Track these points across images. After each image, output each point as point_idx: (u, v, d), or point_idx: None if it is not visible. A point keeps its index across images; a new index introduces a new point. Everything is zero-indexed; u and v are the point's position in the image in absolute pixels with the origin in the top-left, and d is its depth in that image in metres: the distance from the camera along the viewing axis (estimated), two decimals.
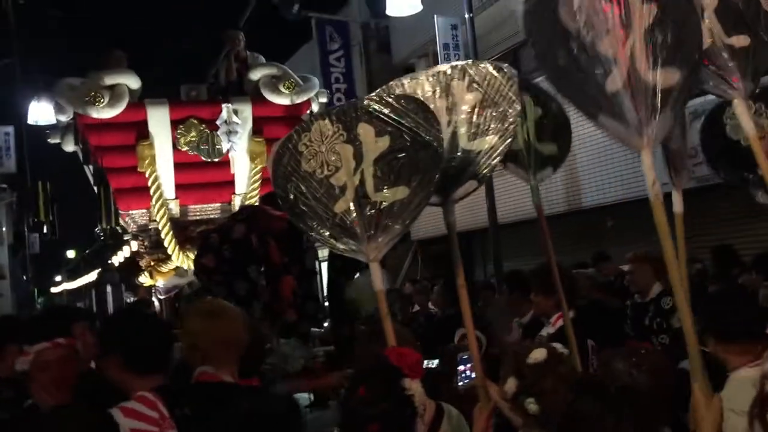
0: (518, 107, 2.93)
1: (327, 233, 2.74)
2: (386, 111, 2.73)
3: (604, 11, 2.39)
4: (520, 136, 3.29)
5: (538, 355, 2.38)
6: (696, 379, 2.09)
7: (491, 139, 2.91)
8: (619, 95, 2.37)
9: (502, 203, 9.98)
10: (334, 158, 2.70)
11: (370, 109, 2.72)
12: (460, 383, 2.89)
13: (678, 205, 3.06)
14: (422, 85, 2.99)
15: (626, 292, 6.31)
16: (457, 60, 10.64)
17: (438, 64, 11.28)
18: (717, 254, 6.12)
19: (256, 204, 5.62)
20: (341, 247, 2.76)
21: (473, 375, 2.83)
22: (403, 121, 2.72)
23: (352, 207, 2.68)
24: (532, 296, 4.20)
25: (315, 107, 7.90)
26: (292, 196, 2.73)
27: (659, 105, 2.41)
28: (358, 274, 5.18)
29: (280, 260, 5.12)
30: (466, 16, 9.29)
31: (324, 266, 6.17)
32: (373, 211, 2.69)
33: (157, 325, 2.63)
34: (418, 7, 9.47)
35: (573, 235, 10.20)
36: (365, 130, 2.71)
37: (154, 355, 2.41)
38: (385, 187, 2.69)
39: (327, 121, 2.73)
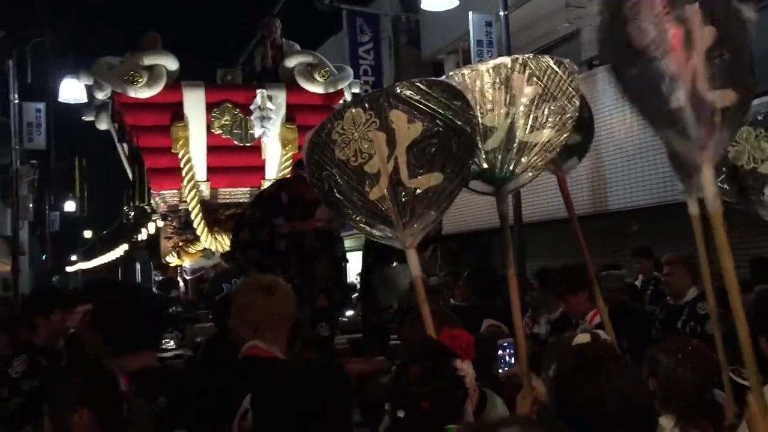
0: (577, 102, 2.95)
1: (362, 220, 2.76)
2: (418, 97, 2.74)
3: (668, 31, 2.43)
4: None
5: (583, 340, 2.41)
6: (753, 390, 2.10)
7: (548, 133, 2.93)
8: (682, 111, 2.41)
9: (526, 202, 9.97)
10: (367, 146, 2.72)
11: (402, 96, 2.73)
12: (500, 370, 2.92)
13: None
14: (482, 77, 3.01)
15: (656, 297, 6.32)
16: (490, 56, 10.65)
17: (469, 60, 11.36)
18: (755, 265, 6.06)
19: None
20: (377, 234, 2.79)
21: (513, 361, 2.86)
22: (435, 107, 2.73)
23: (386, 194, 2.70)
24: (561, 296, 4.21)
25: (348, 97, 7.93)
26: (326, 185, 2.75)
27: (718, 123, 2.46)
28: (395, 263, 5.21)
29: (314, 243, 5.18)
30: (501, 13, 9.27)
31: (353, 255, 6.21)
32: (407, 197, 2.70)
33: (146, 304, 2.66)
34: (454, 3, 9.48)
35: (597, 237, 10.17)
36: (397, 117, 2.72)
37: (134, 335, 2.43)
38: (419, 173, 2.71)
39: (359, 108, 2.75)
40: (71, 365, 2.95)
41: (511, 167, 2.89)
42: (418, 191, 2.69)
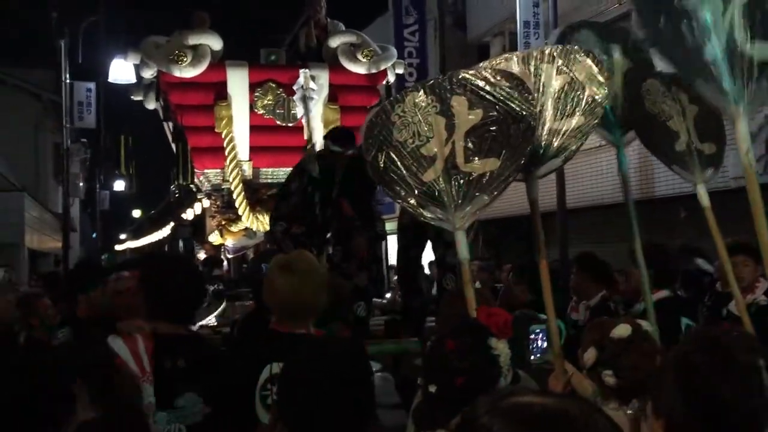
0: (605, 91, 2.98)
1: (414, 201, 2.83)
2: (481, 84, 2.79)
3: None
4: (683, 136, 3.24)
5: (623, 331, 2.38)
6: None
7: (578, 120, 2.97)
8: (716, 63, 2.37)
9: (570, 188, 9.83)
10: (426, 129, 2.78)
11: (466, 82, 2.78)
12: (532, 356, 2.89)
13: None
14: (512, 65, 3.05)
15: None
16: (536, 39, 10.47)
17: (515, 43, 11.24)
18: None
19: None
20: (428, 215, 2.86)
21: (545, 347, 2.84)
22: (497, 95, 2.77)
23: (441, 176, 2.76)
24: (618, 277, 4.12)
25: (391, 78, 7.88)
26: (382, 165, 2.83)
27: (755, 75, 2.41)
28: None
29: (352, 215, 5.17)
30: None
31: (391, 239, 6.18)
32: (462, 181, 2.76)
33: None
34: None
35: (643, 224, 9.96)
36: (459, 103, 2.78)
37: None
38: (476, 158, 2.77)
39: (421, 92, 2.81)
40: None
41: (540, 153, 2.92)
42: (473, 175, 2.75)
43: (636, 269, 3.74)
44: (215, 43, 7.37)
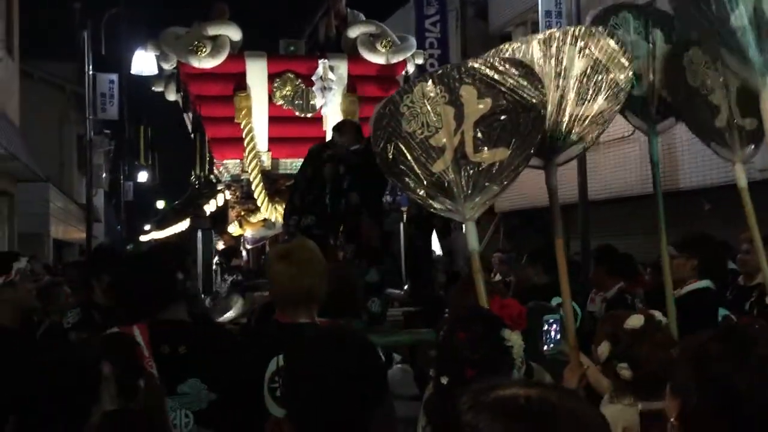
0: (630, 74, 2.90)
1: (423, 192, 2.79)
2: (490, 73, 2.75)
3: None
4: (724, 111, 3.14)
5: (636, 321, 2.34)
6: None
7: (600, 105, 2.90)
8: (743, 32, 2.30)
9: (592, 180, 9.71)
10: (435, 119, 2.74)
11: (475, 72, 2.74)
12: (545, 347, 2.85)
13: None
14: (533, 49, 2.99)
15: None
16: (559, 29, 10.32)
17: (537, 33, 11.04)
18: None
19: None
20: (437, 206, 2.83)
21: (558, 338, 2.80)
22: (506, 83, 2.73)
23: (450, 167, 2.73)
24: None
25: (410, 68, 7.82)
26: (391, 156, 2.80)
27: None
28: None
29: (360, 209, 5.17)
30: None
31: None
32: (471, 171, 2.72)
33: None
34: None
35: (667, 217, 9.82)
36: (468, 92, 2.74)
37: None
38: (485, 148, 2.73)
39: (429, 82, 2.77)
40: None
41: (561, 140, 2.86)
42: (483, 165, 2.71)
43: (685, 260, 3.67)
44: (234, 33, 7.37)
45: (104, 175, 21.31)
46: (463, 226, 2.86)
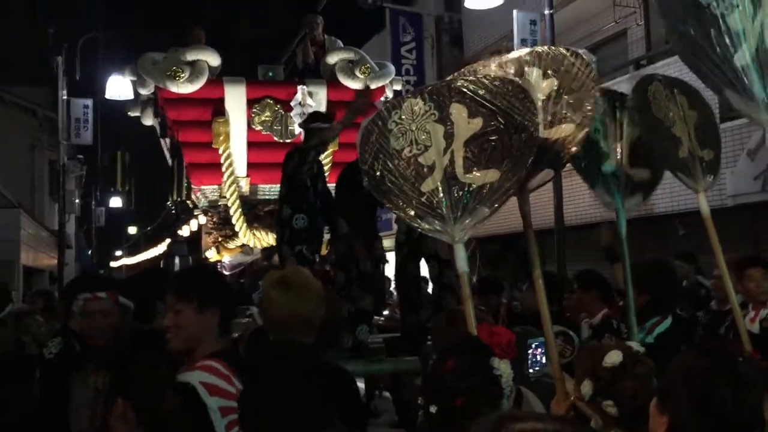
0: (597, 94, 2.87)
1: (412, 212, 2.70)
2: (481, 92, 2.67)
3: None
4: (685, 142, 3.17)
5: (615, 358, 2.30)
6: None
7: (568, 128, 2.85)
8: (747, 70, 2.29)
9: (567, 205, 9.79)
10: (423, 137, 2.67)
11: (465, 89, 2.67)
12: (530, 370, 2.83)
13: None
14: (495, 72, 2.94)
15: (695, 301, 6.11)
16: None
17: None
18: None
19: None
20: (426, 226, 2.72)
21: (543, 361, 2.77)
22: (498, 103, 2.66)
23: (439, 187, 2.65)
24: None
25: (389, 94, 7.86)
26: (378, 173, 2.71)
27: None
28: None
29: (347, 233, 5.16)
30: (546, 12, 9.13)
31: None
32: (461, 192, 2.64)
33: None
34: (498, 1, 9.35)
35: (642, 241, 9.93)
36: (458, 110, 2.66)
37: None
38: (475, 169, 2.65)
39: (419, 99, 2.69)
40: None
41: (530, 164, 2.82)
42: (473, 186, 2.64)
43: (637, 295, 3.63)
44: (213, 59, 7.36)
45: (76, 200, 20.99)
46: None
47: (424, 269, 5.27)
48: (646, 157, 3.27)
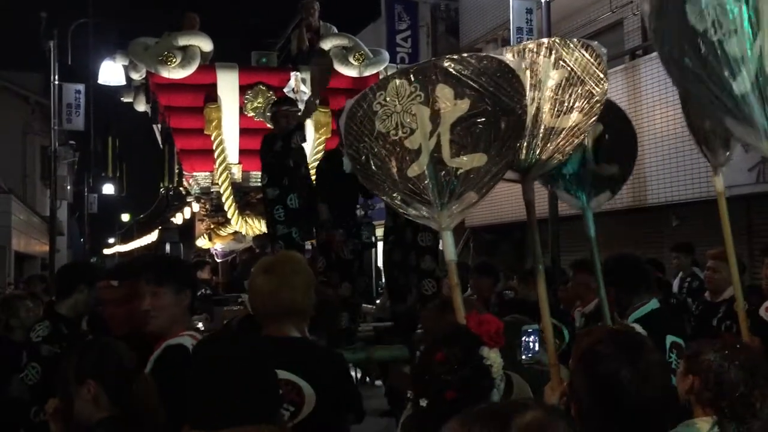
0: (605, 86, 2.82)
1: (398, 197, 2.62)
2: (467, 72, 2.56)
3: (733, 11, 2.25)
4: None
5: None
6: None
7: (575, 117, 2.80)
8: (746, 97, 2.23)
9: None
10: (409, 119, 2.57)
11: (451, 70, 2.55)
12: (524, 356, 2.79)
13: None
14: (506, 60, 2.89)
15: (692, 292, 6.11)
16: None
17: None
18: None
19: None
20: (413, 212, 2.65)
21: (537, 348, 2.73)
22: (486, 85, 2.55)
23: (425, 172, 2.55)
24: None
25: None
26: (363, 157, 2.62)
27: None
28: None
29: (329, 219, 5.18)
30: (543, 0, 9.07)
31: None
32: (448, 177, 2.55)
33: None
34: None
35: (636, 232, 9.95)
36: (444, 92, 2.55)
37: None
38: (462, 153, 2.55)
39: (404, 80, 2.58)
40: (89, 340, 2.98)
41: (537, 153, 2.77)
42: (460, 171, 2.54)
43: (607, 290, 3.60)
44: (205, 44, 7.29)
45: (68, 187, 20.88)
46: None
47: None
48: (614, 151, 3.22)
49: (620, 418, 1.66)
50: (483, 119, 2.55)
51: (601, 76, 2.78)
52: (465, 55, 2.65)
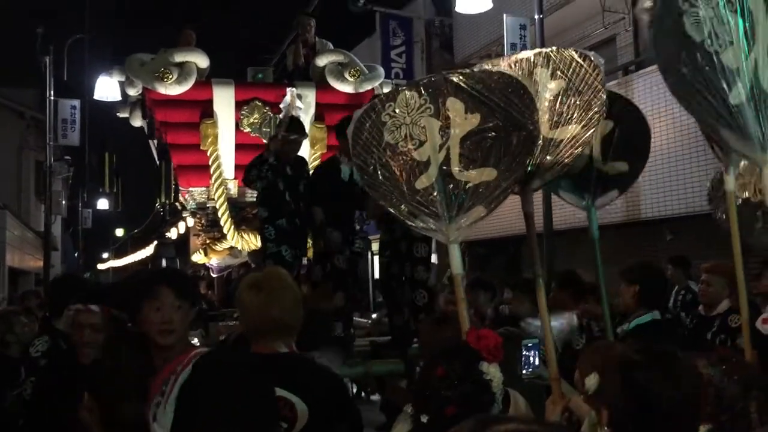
0: (604, 96, 2.82)
1: (406, 209, 2.63)
2: (479, 87, 2.58)
3: (729, 23, 2.29)
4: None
5: None
6: None
7: (574, 129, 2.80)
8: (742, 108, 2.26)
9: (555, 209, 9.80)
10: (418, 132, 2.58)
11: (462, 84, 2.57)
12: (524, 371, 2.81)
13: None
14: (504, 70, 2.89)
15: (686, 306, 6.12)
16: None
17: None
18: None
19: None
20: (420, 225, 2.65)
21: (537, 363, 2.75)
22: (497, 100, 2.57)
23: (434, 184, 2.57)
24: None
25: None
26: (371, 167, 2.63)
27: None
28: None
29: (324, 224, 5.20)
30: (536, 17, 9.14)
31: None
32: (456, 190, 2.57)
33: None
34: (488, 5, 9.35)
35: (630, 246, 9.97)
36: (454, 106, 2.58)
37: None
38: (472, 166, 2.57)
39: (414, 92, 2.60)
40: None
41: (535, 164, 2.78)
42: (469, 185, 2.56)
43: (627, 287, 3.64)
44: (201, 60, 7.33)
45: (63, 202, 20.83)
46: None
47: None
48: (623, 148, 3.23)
49: (652, 424, 1.70)
50: (493, 134, 2.57)
51: (599, 86, 2.78)
52: (476, 69, 2.67)
